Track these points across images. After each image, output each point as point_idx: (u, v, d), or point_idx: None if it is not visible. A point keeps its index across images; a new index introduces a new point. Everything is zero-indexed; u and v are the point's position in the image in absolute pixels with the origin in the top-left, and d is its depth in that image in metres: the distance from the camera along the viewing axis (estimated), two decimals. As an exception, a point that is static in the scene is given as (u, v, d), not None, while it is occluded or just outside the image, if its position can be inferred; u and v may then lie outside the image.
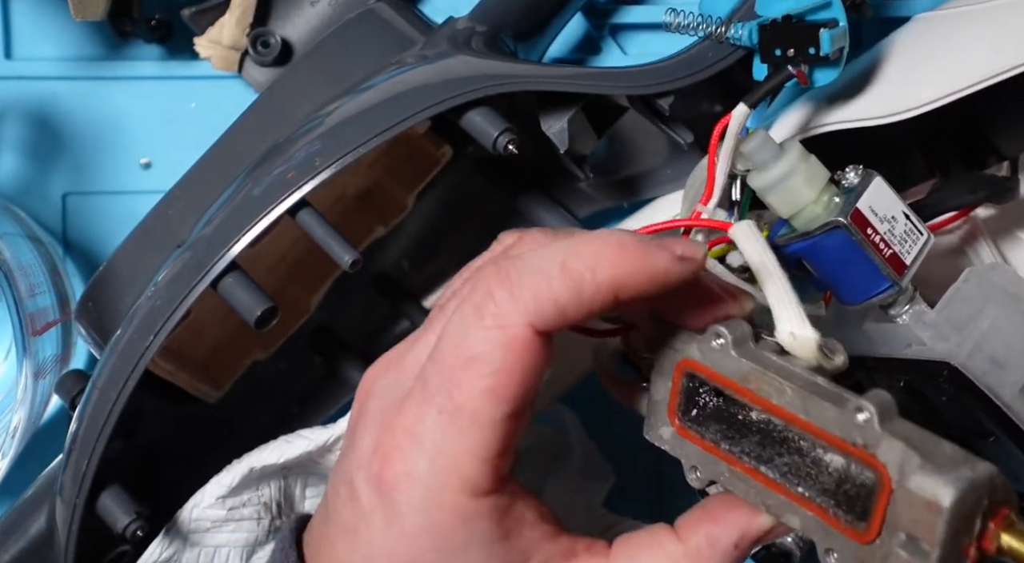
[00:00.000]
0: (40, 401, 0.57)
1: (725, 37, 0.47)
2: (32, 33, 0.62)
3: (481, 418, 0.36)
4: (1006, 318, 0.46)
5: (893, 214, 0.46)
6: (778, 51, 0.44)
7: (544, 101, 0.50)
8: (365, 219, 0.54)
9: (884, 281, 0.45)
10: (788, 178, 0.45)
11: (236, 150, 0.52)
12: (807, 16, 0.45)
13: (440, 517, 0.37)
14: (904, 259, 0.46)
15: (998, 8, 0.52)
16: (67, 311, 0.59)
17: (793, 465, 0.37)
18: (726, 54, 0.50)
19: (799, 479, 0.37)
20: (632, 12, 0.63)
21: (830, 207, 0.46)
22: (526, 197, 0.58)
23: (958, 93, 0.50)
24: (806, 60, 0.44)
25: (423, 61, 0.50)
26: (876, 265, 0.45)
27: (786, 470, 0.37)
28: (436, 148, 0.53)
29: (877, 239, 0.45)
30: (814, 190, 0.46)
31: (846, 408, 0.35)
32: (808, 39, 0.43)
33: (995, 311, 0.46)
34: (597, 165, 0.57)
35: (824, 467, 0.36)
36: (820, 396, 0.36)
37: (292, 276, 0.53)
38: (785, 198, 0.46)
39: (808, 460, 0.37)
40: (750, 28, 0.44)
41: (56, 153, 0.62)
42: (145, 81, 0.62)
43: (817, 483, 0.36)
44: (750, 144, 0.46)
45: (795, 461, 0.37)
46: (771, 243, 0.47)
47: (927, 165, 0.59)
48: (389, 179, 0.54)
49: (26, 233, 0.59)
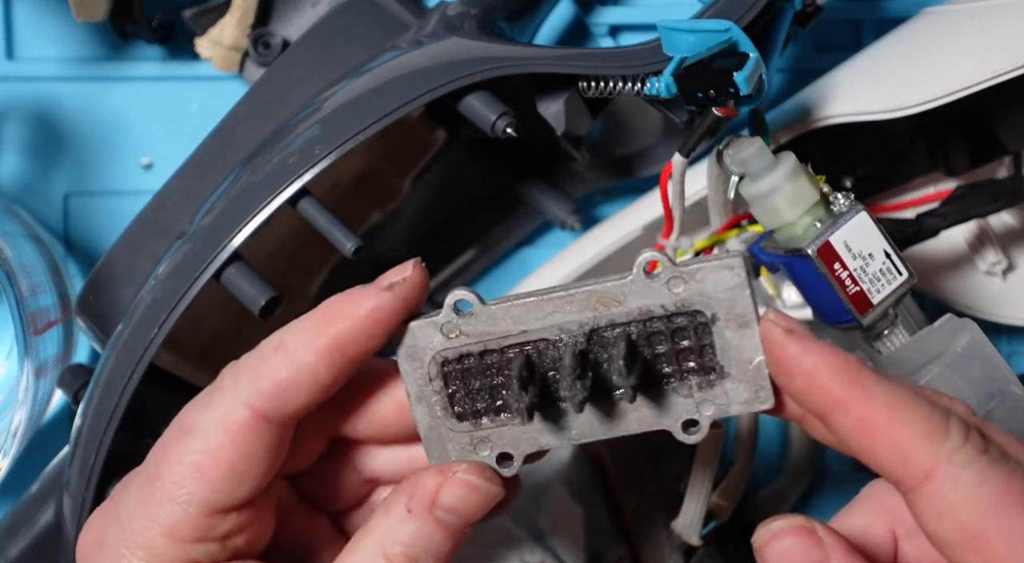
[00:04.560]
0: (41, 400, 0.57)
1: (644, 93, 0.47)
2: (34, 34, 0.62)
3: (178, 494, 0.36)
4: (946, 380, 0.45)
5: (871, 251, 0.45)
6: (700, 94, 0.44)
7: (540, 83, 0.50)
8: (361, 205, 0.54)
9: (848, 314, 0.45)
10: (771, 195, 0.45)
11: (232, 139, 0.52)
12: (717, 57, 0.44)
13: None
14: (871, 298, 0.45)
15: (1005, 6, 0.52)
16: (68, 311, 0.59)
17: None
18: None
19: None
20: (632, 12, 0.63)
21: (809, 231, 0.45)
22: (521, 179, 0.58)
23: (965, 90, 0.50)
24: (729, 98, 0.44)
25: (417, 45, 0.50)
26: (840, 299, 0.45)
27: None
28: (430, 132, 0.53)
29: (844, 275, 0.45)
30: (795, 212, 0.45)
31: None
32: (724, 81, 0.43)
33: (938, 371, 0.45)
34: (592, 145, 0.57)
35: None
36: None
37: (291, 263, 0.53)
38: (766, 213, 0.46)
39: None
40: (666, 82, 0.44)
41: (58, 153, 0.62)
42: (146, 82, 0.62)
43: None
44: (745, 151, 0.45)
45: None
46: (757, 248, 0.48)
47: (931, 158, 0.59)
48: (384, 164, 0.54)
49: (28, 233, 0.59)
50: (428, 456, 0.38)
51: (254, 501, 0.38)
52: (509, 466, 0.38)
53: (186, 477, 0.36)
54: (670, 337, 0.36)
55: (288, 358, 0.36)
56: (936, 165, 0.59)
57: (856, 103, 0.54)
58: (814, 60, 0.63)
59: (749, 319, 0.36)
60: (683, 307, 0.36)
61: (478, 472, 0.37)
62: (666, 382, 0.37)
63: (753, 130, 0.49)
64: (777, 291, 0.54)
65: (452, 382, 0.38)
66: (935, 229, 0.52)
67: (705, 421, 0.37)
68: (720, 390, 0.37)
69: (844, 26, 0.64)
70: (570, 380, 0.35)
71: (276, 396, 0.36)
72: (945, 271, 0.61)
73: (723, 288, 0.36)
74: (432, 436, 0.38)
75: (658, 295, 0.36)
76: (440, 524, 0.37)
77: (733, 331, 0.36)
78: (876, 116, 0.52)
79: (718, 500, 0.55)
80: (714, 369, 0.36)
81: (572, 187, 0.61)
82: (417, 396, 0.38)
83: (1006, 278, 0.61)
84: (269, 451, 0.37)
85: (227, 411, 0.36)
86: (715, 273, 0.36)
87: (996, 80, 0.49)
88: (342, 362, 0.36)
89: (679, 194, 0.48)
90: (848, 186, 0.58)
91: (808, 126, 0.55)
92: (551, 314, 0.36)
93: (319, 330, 0.36)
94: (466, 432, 0.38)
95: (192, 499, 0.36)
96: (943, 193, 0.54)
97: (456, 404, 0.38)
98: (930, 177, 0.60)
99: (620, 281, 0.36)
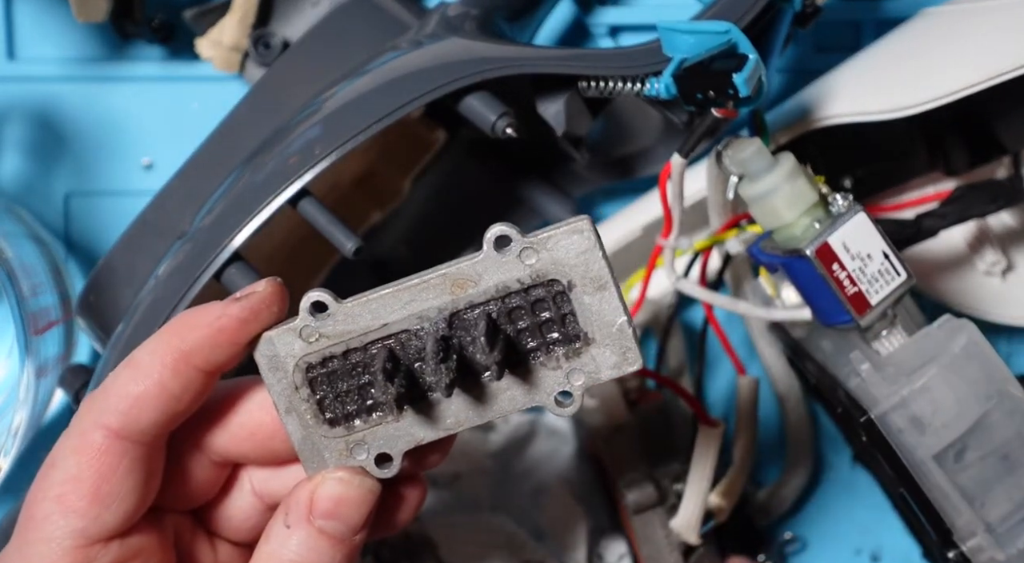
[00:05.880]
0: (42, 400, 0.57)
1: (643, 94, 0.47)
2: (35, 34, 0.62)
3: (49, 531, 0.35)
4: (946, 380, 0.45)
5: (869, 252, 0.45)
6: (699, 95, 0.44)
7: (540, 83, 0.50)
8: (362, 205, 0.54)
9: (846, 314, 0.45)
10: (770, 196, 0.45)
11: (233, 140, 0.52)
12: (716, 59, 0.44)
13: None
14: (869, 299, 0.45)
15: (1005, 6, 0.52)
16: (69, 311, 0.59)
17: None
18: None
19: None
20: (632, 13, 0.63)
21: (807, 231, 0.45)
22: (521, 179, 0.58)
23: (965, 90, 0.50)
24: (728, 99, 0.44)
25: (418, 46, 0.50)
26: (838, 300, 0.45)
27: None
28: (430, 132, 0.53)
29: (843, 276, 0.45)
30: (793, 213, 0.45)
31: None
32: (724, 83, 0.43)
33: (936, 371, 0.45)
34: (592, 145, 0.57)
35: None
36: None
37: (291, 262, 0.53)
38: (765, 214, 0.46)
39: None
40: (665, 82, 0.44)
41: (58, 153, 0.62)
42: (147, 82, 0.62)
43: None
44: (744, 152, 0.46)
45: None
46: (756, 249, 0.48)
47: (931, 158, 0.59)
48: (384, 165, 0.54)
49: (28, 233, 0.59)
50: (305, 468, 0.37)
51: (138, 529, 0.37)
52: (389, 466, 0.37)
53: (53, 512, 0.35)
54: (530, 310, 0.36)
55: (136, 372, 0.36)
56: (935, 165, 0.59)
57: (856, 103, 0.54)
58: (814, 60, 0.63)
59: (605, 281, 0.36)
60: (539, 278, 0.36)
61: (350, 472, 0.37)
62: (533, 357, 0.37)
63: (753, 131, 0.49)
64: (776, 291, 0.54)
65: (319, 388, 0.37)
66: (934, 229, 0.52)
67: (577, 391, 0.37)
68: (587, 357, 0.36)
69: (844, 26, 0.64)
70: (434, 364, 0.35)
71: (126, 411, 0.35)
72: (944, 271, 0.62)
73: (575, 253, 0.36)
74: (306, 447, 0.37)
75: (512, 269, 0.36)
76: (323, 534, 0.36)
77: (591, 295, 0.36)
78: (876, 116, 0.52)
79: (717, 499, 0.55)
80: (578, 336, 0.36)
81: (572, 187, 0.61)
82: (286, 408, 0.37)
83: (1005, 278, 0.61)
84: (132, 471, 0.36)
85: (81, 434, 0.36)
86: (565, 238, 0.35)
87: (996, 80, 0.49)
88: (190, 372, 0.36)
89: (678, 194, 0.48)
90: (847, 186, 0.58)
91: (808, 126, 0.55)
92: (409, 304, 0.36)
93: (165, 342, 0.36)
94: (340, 437, 0.37)
95: (63, 533, 0.35)
96: (942, 193, 0.55)
97: (326, 410, 0.37)
98: (929, 177, 0.60)
99: (472, 260, 0.36)
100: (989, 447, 0.45)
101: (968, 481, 0.45)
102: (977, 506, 0.45)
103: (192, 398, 0.37)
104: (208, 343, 0.36)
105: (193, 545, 0.40)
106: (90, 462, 0.35)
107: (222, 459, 0.39)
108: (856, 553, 0.65)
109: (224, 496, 0.40)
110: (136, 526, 0.37)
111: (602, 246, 0.36)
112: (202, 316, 0.36)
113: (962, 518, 0.45)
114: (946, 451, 0.45)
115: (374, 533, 0.39)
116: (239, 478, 0.40)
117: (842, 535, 0.65)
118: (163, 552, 0.38)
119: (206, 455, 0.39)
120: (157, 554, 0.37)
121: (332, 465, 0.37)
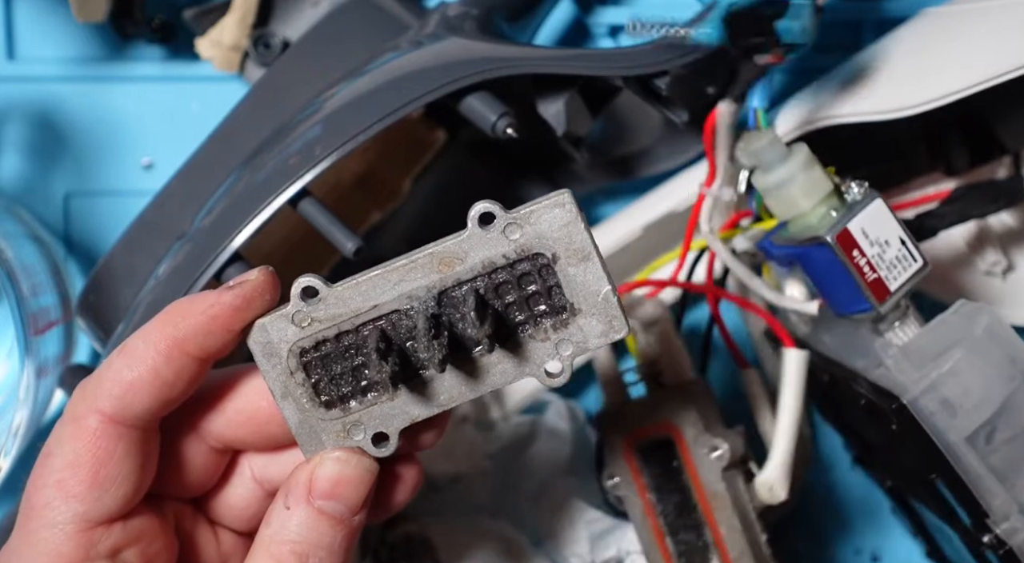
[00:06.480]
0: (42, 400, 0.57)
1: (690, 39, 0.47)
2: (34, 34, 0.62)
3: (51, 517, 0.35)
4: (971, 363, 0.45)
5: (887, 238, 0.45)
6: (747, 39, 0.44)
7: (540, 83, 0.50)
8: (362, 205, 0.54)
9: (865, 302, 0.45)
10: (786, 185, 0.45)
11: (232, 140, 0.52)
12: (763, 3, 0.45)
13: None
14: (888, 285, 0.45)
15: (1005, 6, 0.52)
16: (69, 311, 0.59)
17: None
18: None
19: None
20: (631, 13, 0.63)
21: (824, 220, 0.45)
22: (521, 179, 0.58)
23: (965, 90, 0.50)
24: (775, 44, 0.44)
25: (418, 46, 0.50)
26: (858, 286, 0.45)
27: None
28: (430, 132, 0.53)
29: (863, 262, 0.45)
30: (810, 201, 0.45)
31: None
32: (770, 28, 0.43)
33: (962, 354, 0.45)
34: (592, 145, 0.57)
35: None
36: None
37: (291, 262, 0.53)
38: (781, 204, 0.46)
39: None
40: (714, 26, 0.44)
41: (58, 154, 0.62)
42: (147, 82, 0.62)
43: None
44: (758, 143, 0.46)
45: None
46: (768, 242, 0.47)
47: (931, 158, 0.59)
48: (384, 164, 0.54)
49: (28, 233, 0.59)
50: (303, 451, 0.38)
51: (139, 512, 0.37)
52: (386, 445, 0.38)
53: (53, 498, 0.35)
54: (517, 284, 0.37)
55: (129, 358, 0.36)
56: (936, 165, 0.59)
57: (856, 103, 0.54)
58: (814, 60, 0.63)
59: (588, 252, 0.36)
60: (524, 252, 0.36)
61: (347, 452, 0.37)
62: (521, 330, 0.37)
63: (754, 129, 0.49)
64: (779, 288, 0.54)
65: (314, 371, 0.37)
66: (934, 229, 0.52)
67: (566, 362, 0.37)
68: (575, 327, 0.37)
69: (844, 26, 0.64)
70: (426, 341, 0.35)
71: (121, 397, 0.36)
72: (945, 271, 0.62)
73: (558, 225, 0.36)
74: (304, 430, 0.38)
75: (498, 245, 0.36)
76: (323, 515, 0.37)
77: (576, 266, 0.36)
78: (876, 116, 0.52)
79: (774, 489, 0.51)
80: (565, 308, 0.37)
81: (572, 187, 0.60)
82: (282, 393, 0.37)
83: (1006, 278, 0.61)
84: (129, 454, 0.36)
85: (76, 420, 0.36)
86: (548, 212, 0.36)
87: (996, 80, 0.49)
88: (183, 359, 0.36)
89: (724, 142, 0.48)
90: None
91: (808, 126, 0.55)
92: (398, 284, 0.37)
93: (159, 329, 0.36)
94: (337, 419, 0.38)
95: (65, 518, 0.35)
96: (943, 193, 0.54)
97: (322, 393, 0.38)
98: (930, 177, 0.60)
99: (458, 238, 0.36)
100: (1017, 428, 0.45)
101: (999, 462, 0.45)
102: (1008, 487, 0.45)
103: (185, 385, 0.37)
104: (202, 330, 0.36)
105: (195, 534, 0.40)
106: (87, 447, 0.36)
107: (221, 445, 0.40)
108: (856, 553, 0.65)
109: (224, 484, 0.41)
110: (137, 509, 0.37)
111: (584, 218, 0.36)
112: (196, 304, 0.37)
113: (997, 499, 0.45)
114: (977, 433, 0.45)
115: (372, 515, 0.39)
116: (239, 465, 0.41)
117: (842, 535, 0.65)
118: (165, 536, 0.38)
119: (204, 441, 0.39)
120: (160, 538, 0.38)
121: (330, 447, 0.38)
